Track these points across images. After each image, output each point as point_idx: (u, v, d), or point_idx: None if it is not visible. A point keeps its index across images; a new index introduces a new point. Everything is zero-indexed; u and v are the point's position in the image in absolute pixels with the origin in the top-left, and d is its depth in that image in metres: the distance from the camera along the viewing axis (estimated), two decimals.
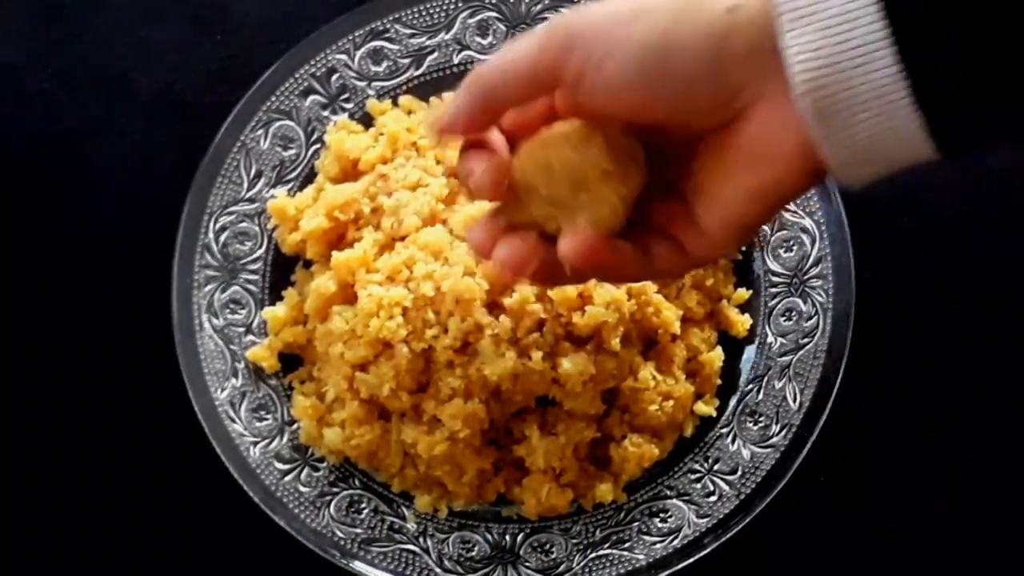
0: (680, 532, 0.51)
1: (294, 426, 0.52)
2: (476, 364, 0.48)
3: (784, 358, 0.52)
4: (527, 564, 0.51)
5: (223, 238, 0.53)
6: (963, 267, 0.55)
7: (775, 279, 0.53)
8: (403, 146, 0.52)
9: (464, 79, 0.37)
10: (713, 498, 0.51)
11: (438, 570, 0.51)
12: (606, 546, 0.51)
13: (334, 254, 0.50)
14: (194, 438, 0.51)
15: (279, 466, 0.52)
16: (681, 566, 0.50)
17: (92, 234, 0.55)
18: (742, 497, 0.51)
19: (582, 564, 0.51)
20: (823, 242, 0.52)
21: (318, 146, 0.54)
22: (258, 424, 0.52)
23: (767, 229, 0.53)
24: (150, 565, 0.54)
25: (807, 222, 0.52)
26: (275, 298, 0.53)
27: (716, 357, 0.52)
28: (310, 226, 0.51)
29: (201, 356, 0.52)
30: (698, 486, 0.52)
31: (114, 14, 0.57)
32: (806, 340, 0.52)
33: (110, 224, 0.55)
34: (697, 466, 0.52)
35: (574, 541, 0.51)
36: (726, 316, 0.53)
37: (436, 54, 0.54)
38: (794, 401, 0.51)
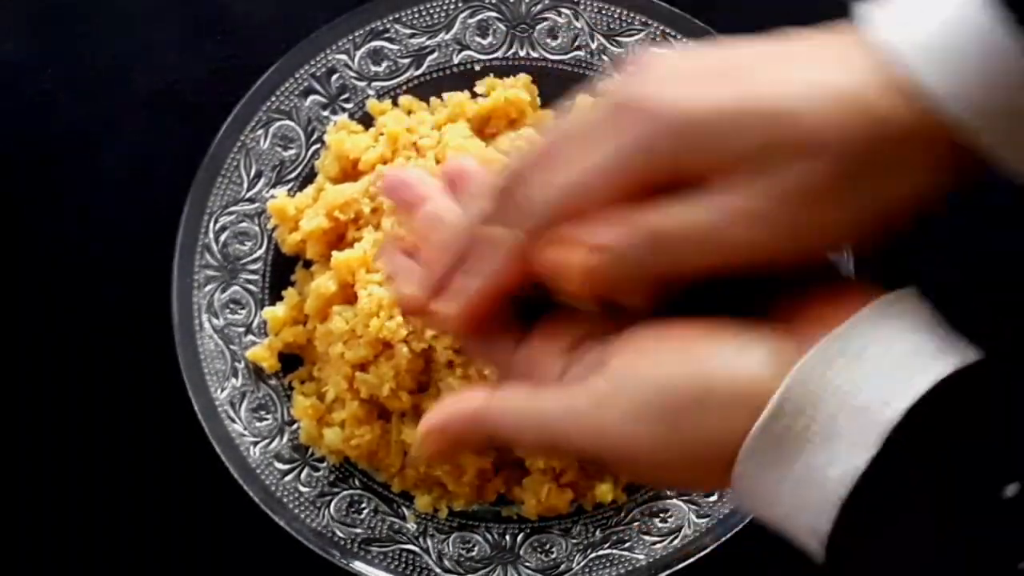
0: (680, 532, 0.51)
1: (294, 426, 0.52)
2: (476, 364, 0.48)
3: None
4: (527, 564, 0.51)
5: (223, 238, 0.53)
6: (963, 267, 0.55)
7: None
8: (403, 146, 0.52)
9: (494, 192, 0.33)
10: (713, 498, 0.51)
11: (438, 570, 0.51)
12: (606, 546, 0.51)
13: (334, 254, 0.50)
14: (194, 438, 0.51)
15: (279, 466, 0.52)
16: (681, 566, 0.50)
17: (92, 234, 0.55)
18: None
19: (582, 564, 0.51)
20: None
21: (318, 146, 0.54)
22: (258, 424, 0.52)
23: None
24: (150, 565, 0.54)
25: None
26: (275, 298, 0.53)
27: None
28: (310, 226, 0.51)
29: (201, 356, 0.52)
30: None
31: (114, 14, 0.56)
32: None
33: (110, 224, 0.55)
34: None
35: (574, 541, 0.51)
36: None
37: (436, 54, 0.54)
38: None
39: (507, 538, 0.52)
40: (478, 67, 0.53)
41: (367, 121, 0.54)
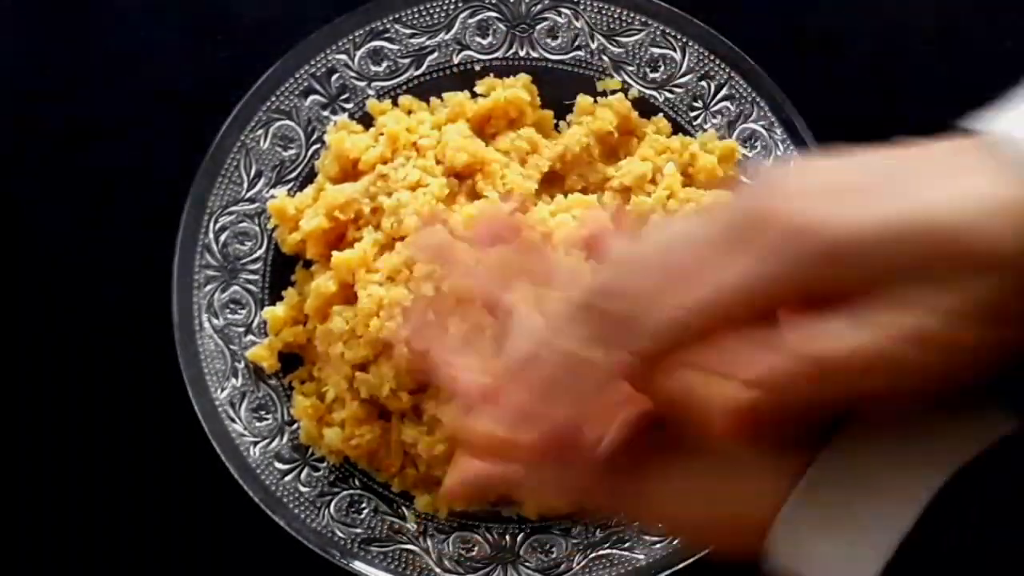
0: None
1: (294, 426, 0.52)
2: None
3: None
4: (527, 564, 0.51)
5: (223, 238, 0.53)
6: None
7: None
8: (403, 146, 0.52)
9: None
10: None
11: (438, 570, 0.51)
12: (606, 546, 0.51)
13: (334, 254, 0.50)
14: (194, 438, 0.51)
15: (279, 466, 0.52)
16: (681, 566, 0.50)
17: (92, 234, 0.55)
18: None
19: (582, 564, 0.51)
20: None
21: (318, 146, 0.54)
22: (258, 424, 0.52)
23: None
24: (150, 565, 0.54)
25: None
26: (275, 298, 0.53)
27: None
28: (310, 226, 0.51)
29: (201, 356, 0.52)
30: None
31: (114, 14, 0.56)
32: None
33: (110, 224, 0.55)
34: None
35: (574, 541, 0.51)
36: None
37: (436, 54, 0.54)
38: None
39: (507, 538, 0.52)
40: (478, 67, 0.53)
41: (367, 121, 0.54)
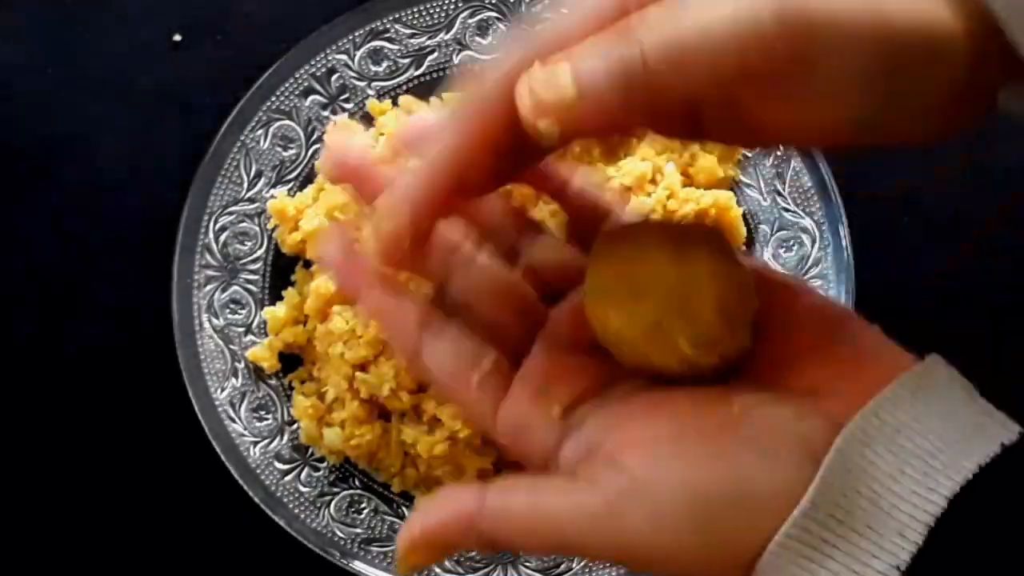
0: None
1: (294, 426, 0.52)
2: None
3: None
4: (527, 564, 0.51)
5: (223, 238, 0.53)
6: (963, 267, 0.55)
7: None
8: None
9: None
10: None
11: (438, 570, 0.51)
12: None
13: None
14: (194, 438, 0.51)
15: (279, 466, 0.52)
16: None
17: (92, 234, 0.55)
18: None
19: (582, 564, 0.51)
20: (823, 242, 0.52)
21: (318, 146, 0.54)
22: (258, 424, 0.52)
23: (767, 229, 0.53)
24: (150, 565, 0.54)
25: (807, 222, 0.52)
26: (275, 298, 0.53)
27: None
28: (310, 226, 0.51)
29: (201, 356, 0.52)
30: None
31: (114, 14, 0.56)
32: None
33: (110, 224, 0.55)
34: None
35: None
36: None
37: (436, 54, 0.54)
38: None
39: None
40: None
41: (367, 121, 0.54)
